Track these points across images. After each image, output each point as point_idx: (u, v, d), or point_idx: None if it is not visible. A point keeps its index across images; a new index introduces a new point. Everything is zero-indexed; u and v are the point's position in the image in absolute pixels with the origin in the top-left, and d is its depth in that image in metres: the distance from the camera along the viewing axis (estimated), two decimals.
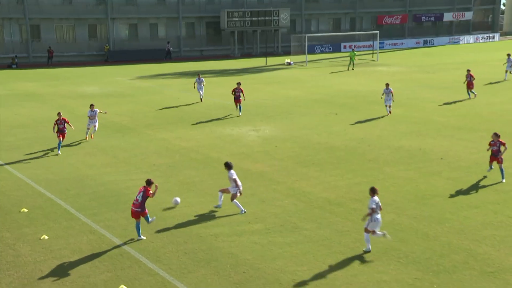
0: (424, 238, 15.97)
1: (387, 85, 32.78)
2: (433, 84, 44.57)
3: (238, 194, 18.13)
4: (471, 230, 16.41)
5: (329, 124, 30.87)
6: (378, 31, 70.15)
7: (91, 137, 28.02)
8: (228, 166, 18.13)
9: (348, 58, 58.20)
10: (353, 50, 58.07)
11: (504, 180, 20.60)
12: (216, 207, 18.48)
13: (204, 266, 14.55)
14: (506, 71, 45.88)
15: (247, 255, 15.08)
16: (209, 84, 44.13)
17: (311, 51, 70.59)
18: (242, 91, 33.21)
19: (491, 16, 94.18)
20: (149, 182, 16.16)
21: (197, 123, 31.52)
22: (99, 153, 25.45)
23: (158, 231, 16.71)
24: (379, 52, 67.92)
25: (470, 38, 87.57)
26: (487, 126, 29.32)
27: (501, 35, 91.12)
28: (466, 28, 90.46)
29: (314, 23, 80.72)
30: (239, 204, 18.14)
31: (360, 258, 14.82)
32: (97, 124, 28.02)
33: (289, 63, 61.43)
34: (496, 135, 20.85)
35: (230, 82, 47.80)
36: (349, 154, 24.76)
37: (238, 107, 33.46)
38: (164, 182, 21.14)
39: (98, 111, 28.39)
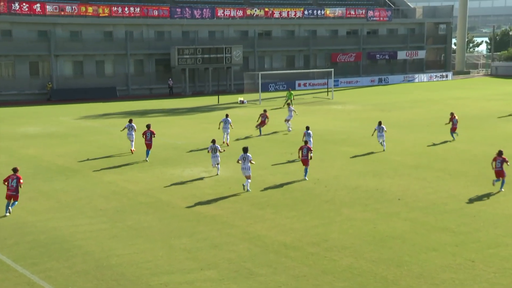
0: (383, 282, 15.40)
1: (379, 123, 33.29)
2: (389, 122, 44.51)
3: None
4: (430, 273, 15.95)
5: (284, 164, 30.26)
6: (333, 69, 70.43)
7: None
8: None
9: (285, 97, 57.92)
10: (289, 90, 58.17)
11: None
12: None
13: None
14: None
15: None
16: (159, 124, 43.22)
17: (265, 89, 70.29)
18: (153, 133, 31.61)
19: (443, 55, 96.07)
20: (15, 170, 21.48)
21: (146, 165, 30.45)
22: (41, 198, 24.11)
23: (104, 281, 15.59)
24: (334, 90, 68.12)
25: (424, 77, 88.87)
26: (443, 165, 29.20)
27: (453, 74, 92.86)
28: (420, 66, 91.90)
29: (268, 60, 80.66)
30: None
31: None
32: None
33: (242, 102, 60.91)
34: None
35: (181, 122, 47.12)
36: (305, 195, 24.12)
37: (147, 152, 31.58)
38: (111, 228, 20.06)
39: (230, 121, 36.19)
